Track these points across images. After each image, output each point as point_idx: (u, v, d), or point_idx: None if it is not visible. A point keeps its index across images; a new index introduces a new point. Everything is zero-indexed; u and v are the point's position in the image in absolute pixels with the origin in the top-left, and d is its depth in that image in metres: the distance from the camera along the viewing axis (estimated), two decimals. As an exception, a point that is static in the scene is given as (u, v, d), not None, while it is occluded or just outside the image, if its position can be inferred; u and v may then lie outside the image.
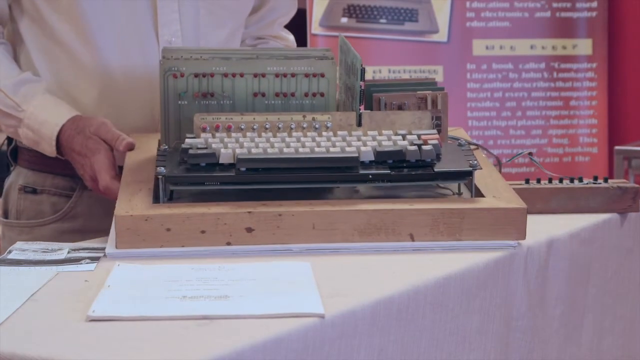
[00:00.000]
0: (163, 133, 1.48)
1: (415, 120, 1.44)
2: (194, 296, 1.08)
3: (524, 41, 3.82)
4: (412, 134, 1.41)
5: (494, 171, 1.48)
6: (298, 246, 1.32)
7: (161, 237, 1.30)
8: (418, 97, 1.48)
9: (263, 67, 1.47)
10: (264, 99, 1.48)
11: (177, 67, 1.46)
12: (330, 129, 1.43)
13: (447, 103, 1.49)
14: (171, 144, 1.46)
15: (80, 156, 1.57)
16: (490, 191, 1.40)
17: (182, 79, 1.46)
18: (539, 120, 3.84)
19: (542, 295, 1.41)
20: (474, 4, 3.80)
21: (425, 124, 1.44)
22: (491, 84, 3.83)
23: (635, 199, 1.59)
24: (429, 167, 1.37)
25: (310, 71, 1.48)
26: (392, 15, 3.75)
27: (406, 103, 1.47)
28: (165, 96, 1.47)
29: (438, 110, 1.48)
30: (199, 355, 0.92)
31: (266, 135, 1.40)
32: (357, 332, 1.07)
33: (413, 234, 1.34)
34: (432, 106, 1.48)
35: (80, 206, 1.70)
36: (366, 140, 1.39)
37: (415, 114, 1.44)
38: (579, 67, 3.84)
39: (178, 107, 1.47)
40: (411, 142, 1.38)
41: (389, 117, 1.44)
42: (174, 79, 1.46)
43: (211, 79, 1.46)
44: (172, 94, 1.47)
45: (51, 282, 1.18)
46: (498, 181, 1.44)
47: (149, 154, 1.50)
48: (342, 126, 1.43)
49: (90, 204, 1.69)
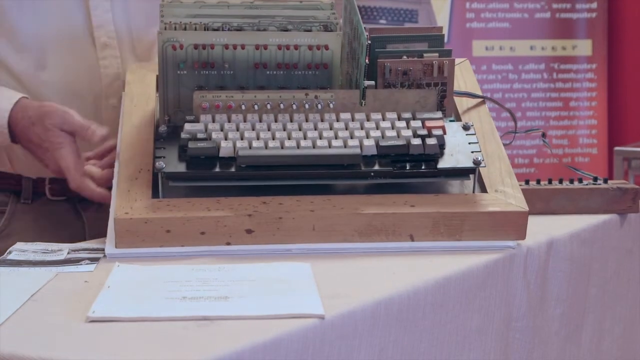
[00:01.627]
0: (161, 104, 1.44)
1: (419, 100, 1.43)
2: (194, 297, 1.08)
3: (524, 42, 3.83)
4: (417, 118, 1.41)
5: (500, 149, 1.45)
6: (297, 246, 1.31)
7: (161, 238, 1.30)
8: (424, 64, 1.47)
9: (265, 38, 1.43)
10: (266, 70, 1.44)
11: (176, 38, 1.41)
12: (333, 109, 1.41)
13: (453, 69, 1.47)
14: (170, 113, 1.42)
15: (41, 149, 1.48)
16: (494, 182, 1.39)
17: (182, 51, 1.41)
18: (539, 120, 3.84)
19: (542, 296, 1.41)
20: (473, 4, 3.80)
21: (430, 103, 1.44)
22: (491, 84, 3.83)
23: (634, 200, 1.59)
24: (432, 163, 1.36)
25: (314, 43, 1.43)
26: (392, 15, 3.75)
27: (412, 69, 1.46)
28: (164, 67, 1.42)
29: (444, 77, 1.47)
30: (199, 356, 0.92)
31: (267, 120, 1.38)
32: (357, 333, 1.07)
33: (413, 235, 1.33)
34: (438, 72, 1.47)
35: (15, 223, 1.61)
36: (369, 128, 1.38)
37: (419, 93, 1.43)
38: (578, 67, 3.84)
39: (177, 77, 1.43)
40: (415, 131, 1.38)
41: (394, 95, 1.43)
42: (172, 50, 1.42)
43: (211, 51, 1.42)
44: (170, 65, 1.42)
45: (51, 282, 1.18)
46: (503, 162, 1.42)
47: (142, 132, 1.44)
48: (345, 105, 1.42)
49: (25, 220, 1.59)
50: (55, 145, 1.45)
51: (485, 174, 1.39)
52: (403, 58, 1.46)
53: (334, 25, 1.45)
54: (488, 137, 1.46)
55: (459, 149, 1.38)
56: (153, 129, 1.44)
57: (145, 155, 1.39)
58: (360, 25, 1.44)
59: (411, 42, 1.49)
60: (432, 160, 1.36)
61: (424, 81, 1.47)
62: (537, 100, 3.84)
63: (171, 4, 1.49)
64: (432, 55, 1.47)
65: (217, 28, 1.43)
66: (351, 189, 1.39)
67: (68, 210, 1.65)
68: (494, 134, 1.47)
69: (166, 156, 1.34)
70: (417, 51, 1.47)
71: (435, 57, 1.47)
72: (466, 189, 1.40)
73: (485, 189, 1.38)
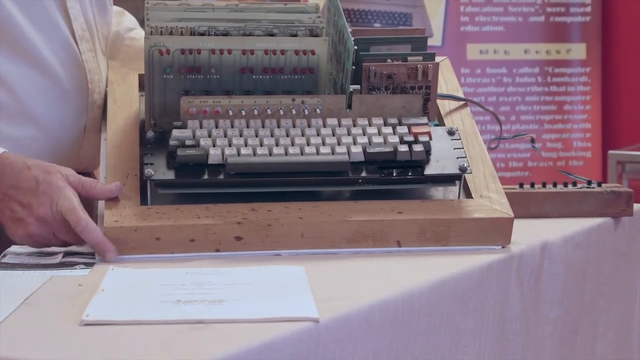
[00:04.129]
0: (148, 109, 1.44)
1: (405, 105, 1.44)
2: (188, 300, 1.08)
3: (518, 45, 3.83)
4: (403, 124, 1.41)
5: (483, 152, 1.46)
6: (287, 252, 1.32)
7: (150, 245, 1.30)
8: (408, 68, 1.47)
9: (252, 43, 1.43)
10: (252, 75, 1.45)
11: (163, 43, 1.41)
12: (320, 114, 1.41)
13: (437, 73, 1.48)
14: (156, 117, 1.42)
15: (29, 194, 1.32)
16: (479, 186, 1.40)
17: (169, 56, 1.42)
18: (533, 124, 3.84)
19: (535, 299, 1.42)
20: (468, 8, 3.81)
21: (416, 108, 1.44)
22: (485, 88, 3.83)
23: (628, 203, 1.60)
24: (418, 169, 1.37)
25: (300, 48, 1.44)
26: (386, 19, 3.76)
27: (396, 73, 1.46)
28: (150, 71, 1.42)
29: (428, 80, 1.48)
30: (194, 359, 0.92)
31: (255, 126, 1.38)
32: (352, 336, 1.07)
33: (400, 241, 1.34)
34: (423, 76, 1.47)
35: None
36: (356, 134, 1.39)
37: (405, 98, 1.44)
38: (572, 71, 3.84)
39: (163, 82, 1.43)
40: (401, 137, 1.38)
41: (380, 100, 1.44)
42: (159, 55, 1.42)
43: (198, 55, 1.42)
44: (157, 70, 1.42)
45: (45, 286, 1.18)
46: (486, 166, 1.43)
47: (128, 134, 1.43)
48: (332, 110, 1.42)
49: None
50: (58, 188, 1.32)
51: (469, 179, 1.41)
52: (387, 61, 1.47)
53: (319, 29, 1.46)
54: (471, 140, 1.47)
55: (444, 154, 1.39)
56: (138, 131, 1.44)
57: (132, 160, 1.39)
58: (346, 29, 1.45)
59: (394, 45, 1.50)
60: (418, 166, 1.38)
61: (408, 84, 1.47)
62: (531, 104, 3.84)
63: (156, 6, 1.49)
64: (415, 58, 1.48)
65: (204, 32, 1.44)
66: (338, 194, 1.40)
67: None
68: (476, 137, 1.48)
69: (154, 163, 1.34)
70: (401, 54, 1.48)
71: (419, 61, 1.48)
72: (451, 194, 1.41)
73: (471, 194, 1.39)
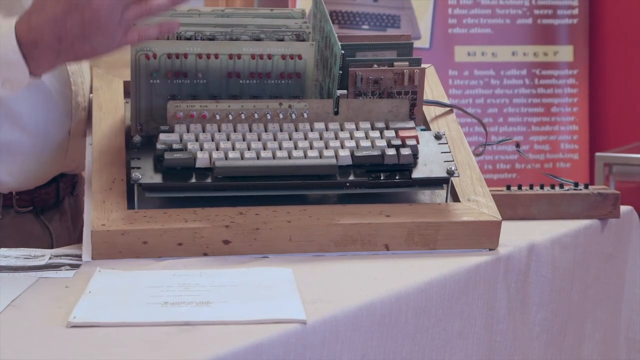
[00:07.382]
0: (134, 113, 1.43)
1: (392, 109, 1.44)
2: (175, 302, 1.08)
3: (506, 47, 3.84)
4: (390, 128, 1.42)
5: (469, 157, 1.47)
6: (275, 255, 1.32)
7: (138, 249, 1.30)
8: (395, 73, 1.48)
9: (238, 48, 1.43)
10: (239, 80, 1.45)
11: (150, 47, 1.41)
12: (307, 119, 1.42)
13: (423, 78, 1.49)
14: (142, 122, 1.41)
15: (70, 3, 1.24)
16: (466, 190, 1.40)
17: (155, 60, 1.41)
18: (521, 126, 3.85)
19: (523, 300, 1.42)
20: (455, 10, 3.81)
21: (403, 113, 1.45)
22: (473, 90, 3.84)
23: (615, 205, 1.60)
24: (406, 173, 1.38)
25: (287, 52, 1.44)
26: (375, 21, 3.76)
27: (383, 78, 1.47)
28: (137, 76, 1.42)
29: (414, 86, 1.48)
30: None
31: (242, 130, 1.38)
32: (339, 338, 1.07)
33: (388, 245, 1.35)
34: (409, 81, 1.48)
35: None
36: (344, 138, 1.39)
37: (392, 103, 1.45)
38: (560, 73, 3.86)
39: (150, 86, 1.43)
40: (389, 141, 1.39)
41: (366, 105, 1.44)
42: (146, 60, 1.41)
43: (184, 60, 1.42)
44: (143, 74, 1.42)
45: (32, 288, 1.18)
46: (474, 171, 1.44)
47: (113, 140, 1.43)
48: (319, 114, 1.42)
49: None
50: None
51: (457, 183, 1.41)
52: (374, 67, 1.47)
53: (306, 34, 1.46)
54: (457, 145, 1.48)
55: (432, 158, 1.40)
56: (124, 137, 1.43)
57: (118, 165, 1.39)
58: (333, 34, 1.45)
59: (380, 50, 1.51)
60: (406, 170, 1.38)
61: (394, 90, 1.48)
62: (518, 106, 3.85)
63: None
64: (402, 63, 1.48)
65: (190, 37, 1.44)
66: (326, 198, 1.40)
67: (33, 222, 1.62)
68: (462, 142, 1.49)
69: (142, 167, 1.34)
70: (387, 60, 1.49)
71: (406, 66, 1.48)
72: (438, 197, 1.41)
73: (458, 198, 1.40)
